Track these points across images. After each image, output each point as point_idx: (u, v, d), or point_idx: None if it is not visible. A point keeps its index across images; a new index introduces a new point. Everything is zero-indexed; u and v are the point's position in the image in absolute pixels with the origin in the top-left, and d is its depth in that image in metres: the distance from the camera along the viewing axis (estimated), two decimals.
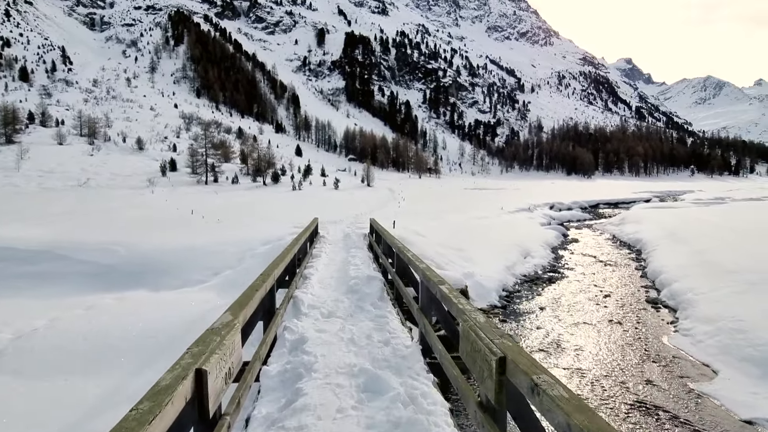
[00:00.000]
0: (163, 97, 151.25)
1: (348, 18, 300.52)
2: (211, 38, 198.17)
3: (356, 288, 6.02)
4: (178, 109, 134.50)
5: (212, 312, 6.21)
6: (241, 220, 20.51)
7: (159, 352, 6.16)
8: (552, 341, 8.63)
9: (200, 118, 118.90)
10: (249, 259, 11.11)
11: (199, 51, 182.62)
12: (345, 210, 27.73)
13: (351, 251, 10.10)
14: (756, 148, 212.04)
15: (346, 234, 14.25)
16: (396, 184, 75.73)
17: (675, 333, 8.96)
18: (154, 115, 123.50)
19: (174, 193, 47.50)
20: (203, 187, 58.15)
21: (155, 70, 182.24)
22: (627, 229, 25.70)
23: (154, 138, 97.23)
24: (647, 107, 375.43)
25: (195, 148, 69.81)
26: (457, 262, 13.47)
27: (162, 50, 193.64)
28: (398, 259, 5.88)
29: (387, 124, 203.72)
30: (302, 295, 5.49)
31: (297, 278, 6.46)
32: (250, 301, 2.84)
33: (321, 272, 7.55)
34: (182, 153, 78.35)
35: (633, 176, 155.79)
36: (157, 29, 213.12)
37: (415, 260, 4.45)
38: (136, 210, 27.57)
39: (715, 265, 12.06)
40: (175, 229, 16.62)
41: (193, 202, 35.88)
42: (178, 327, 6.85)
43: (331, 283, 6.64)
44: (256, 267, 9.05)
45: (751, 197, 57.98)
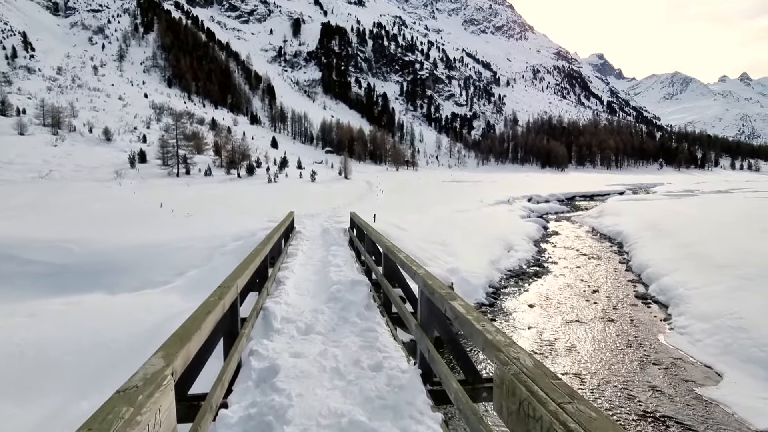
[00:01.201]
0: (132, 87, 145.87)
1: (324, 8, 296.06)
2: (183, 26, 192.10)
3: (338, 295, 5.14)
4: (148, 99, 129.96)
5: (177, 317, 5.41)
6: (212, 214, 19.43)
7: (111, 366, 5.33)
8: (546, 342, 8.13)
9: (172, 108, 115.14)
10: (218, 256, 10.23)
11: (170, 39, 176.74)
12: (322, 203, 26.86)
13: (331, 249, 9.20)
14: (720, 143, 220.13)
15: (325, 229, 13.32)
16: (374, 176, 74.94)
17: (671, 331, 8.58)
18: (123, 105, 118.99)
19: (143, 186, 45.60)
20: (174, 180, 56.16)
21: (124, 59, 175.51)
22: (606, 221, 25.68)
23: (122, 128, 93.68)
24: (618, 102, 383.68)
25: (166, 139, 67.32)
26: (440, 257, 12.90)
27: (131, 38, 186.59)
28: (386, 260, 5.12)
29: (364, 117, 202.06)
30: (274, 306, 4.61)
31: (269, 282, 5.65)
32: (198, 331, 2.09)
33: (297, 275, 6.70)
34: (152, 144, 75.69)
35: (605, 169, 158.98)
36: (125, 16, 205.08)
37: (410, 264, 3.64)
38: (100, 203, 26.06)
39: (704, 258, 11.80)
40: (140, 223, 15.50)
41: (162, 194, 34.35)
42: (137, 336, 6.01)
43: (309, 289, 5.82)
44: (225, 266, 8.23)
45: (719, 190, 59.66)
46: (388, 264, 5.00)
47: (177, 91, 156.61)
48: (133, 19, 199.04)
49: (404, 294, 4.72)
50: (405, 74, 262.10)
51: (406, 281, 4.72)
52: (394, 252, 4.49)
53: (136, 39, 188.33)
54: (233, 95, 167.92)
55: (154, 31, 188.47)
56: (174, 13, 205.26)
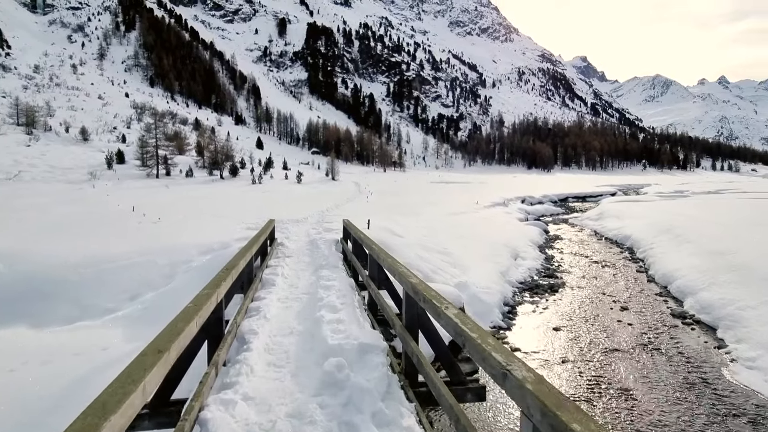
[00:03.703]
0: (113, 86, 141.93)
1: (310, 8, 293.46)
2: (166, 25, 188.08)
3: (339, 376, 3.13)
4: (129, 99, 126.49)
5: (109, 370, 3.71)
6: (186, 219, 17.54)
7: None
8: (588, 382, 6.57)
9: (154, 108, 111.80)
10: (181, 274, 8.46)
11: (152, 38, 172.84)
12: (309, 206, 25.09)
13: (321, 273, 7.20)
14: (701, 144, 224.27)
15: (312, 240, 11.43)
16: (361, 177, 73.25)
17: (734, 364, 7.10)
18: (103, 104, 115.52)
19: (118, 188, 43.26)
20: (153, 181, 53.83)
21: (104, 57, 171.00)
22: (609, 224, 24.42)
23: (101, 128, 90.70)
24: (602, 104, 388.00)
25: (146, 139, 64.76)
26: (445, 269, 11.32)
27: (112, 36, 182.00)
28: (410, 305, 3.33)
29: (351, 117, 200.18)
30: (221, 416, 2.55)
31: (224, 347, 3.53)
32: None
33: (272, 323, 4.73)
34: (132, 144, 73.04)
35: (590, 170, 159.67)
36: (106, 14, 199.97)
37: (472, 332, 2.07)
38: (66, 207, 23.92)
39: (745, 269, 10.41)
40: (101, 231, 13.60)
41: (138, 197, 32.25)
42: (47, 399, 4.25)
43: (288, 355, 3.86)
44: (188, 287, 6.53)
45: (708, 190, 59.52)
46: (411, 310, 3.29)
47: (159, 91, 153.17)
48: (114, 18, 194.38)
49: (444, 366, 3.01)
50: (392, 75, 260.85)
51: (441, 340, 3.08)
52: (423, 291, 2.83)
53: (118, 37, 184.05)
54: (218, 95, 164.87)
55: (136, 29, 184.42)
56: (156, 11, 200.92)
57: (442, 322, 2.35)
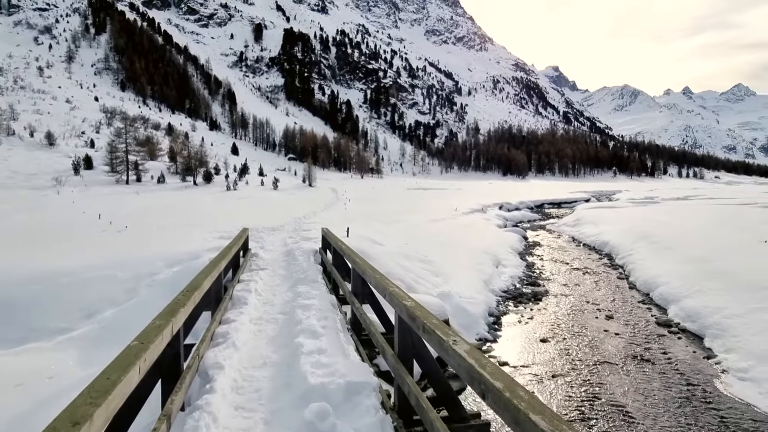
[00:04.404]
0: (81, 89, 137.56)
1: (287, 14, 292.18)
2: (138, 28, 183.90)
3: (321, 430, 2.66)
4: (98, 103, 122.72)
5: (51, 407, 3.15)
6: (154, 227, 16.71)
7: None
8: (582, 398, 6.27)
9: (125, 112, 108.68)
10: (145, 289, 7.82)
11: (123, 41, 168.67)
12: (285, 213, 24.43)
13: (299, 288, 6.56)
14: (668, 152, 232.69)
15: (289, 250, 10.78)
16: (339, 184, 72.63)
17: (725, 375, 6.92)
18: (71, 108, 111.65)
19: (85, 194, 41.62)
20: (123, 187, 52.06)
21: (73, 60, 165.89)
22: (586, 230, 24.59)
23: (68, 133, 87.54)
24: (573, 112, 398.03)
25: (116, 144, 62.71)
26: (427, 279, 10.96)
27: (81, 38, 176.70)
28: (403, 331, 2.90)
29: (328, 124, 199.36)
30: None
31: (181, 389, 2.89)
32: None
33: (242, 355, 4.08)
34: (101, 150, 70.54)
35: (563, 177, 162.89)
36: (75, 15, 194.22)
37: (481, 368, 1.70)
38: (27, 214, 22.68)
39: (727, 276, 10.40)
40: (61, 241, 12.73)
41: (106, 204, 30.95)
42: None
43: (259, 398, 3.24)
44: (152, 303, 5.96)
45: (677, 197, 61.26)
46: (405, 337, 2.85)
47: (131, 95, 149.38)
48: (83, 20, 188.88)
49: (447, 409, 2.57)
50: (369, 82, 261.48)
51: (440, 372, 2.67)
52: (422, 318, 2.41)
53: (87, 40, 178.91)
54: (192, 100, 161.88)
55: (107, 32, 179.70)
56: (128, 14, 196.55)
57: (451, 361, 1.94)
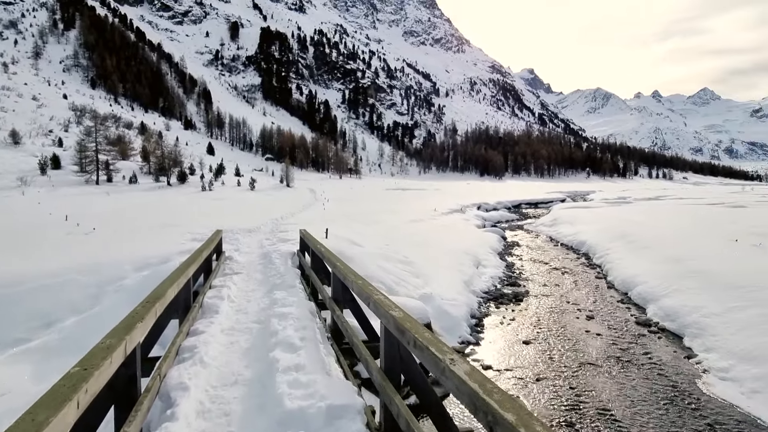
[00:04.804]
0: (49, 87, 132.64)
1: (264, 13, 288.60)
2: (109, 24, 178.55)
3: None
4: (67, 100, 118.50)
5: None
6: (124, 229, 16.06)
7: None
8: (567, 402, 6.17)
9: (95, 110, 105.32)
10: (110, 295, 7.38)
11: (94, 37, 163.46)
12: (263, 214, 23.92)
13: (275, 295, 6.15)
14: (638, 154, 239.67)
15: (265, 253, 10.36)
16: (317, 184, 71.97)
17: (706, 375, 6.93)
18: (38, 106, 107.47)
19: (53, 195, 40.00)
20: (93, 188, 50.36)
21: (40, 56, 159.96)
22: (563, 230, 24.86)
23: (35, 131, 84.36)
24: (548, 114, 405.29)
25: (85, 143, 60.65)
26: (408, 280, 10.77)
27: (49, 34, 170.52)
28: (390, 344, 2.66)
29: (306, 124, 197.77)
30: None
31: (137, 417, 2.48)
32: None
33: (210, 372, 3.66)
34: (70, 149, 68.12)
35: (538, 177, 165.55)
36: (42, 10, 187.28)
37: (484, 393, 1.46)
38: None
39: (704, 275, 10.53)
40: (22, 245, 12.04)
41: (74, 204, 29.79)
42: None
43: (228, 424, 2.91)
44: (117, 310, 5.57)
45: (648, 197, 62.89)
46: (392, 351, 2.61)
47: (102, 93, 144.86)
48: (51, 14, 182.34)
49: None
50: (347, 82, 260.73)
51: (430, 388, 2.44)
52: (412, 332, 2.17)
53: (55, 36, 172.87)
54: (165, 99, 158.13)
55: (76, 28, 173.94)
56: (99, 9, 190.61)
57: (449, 384, 1.72)
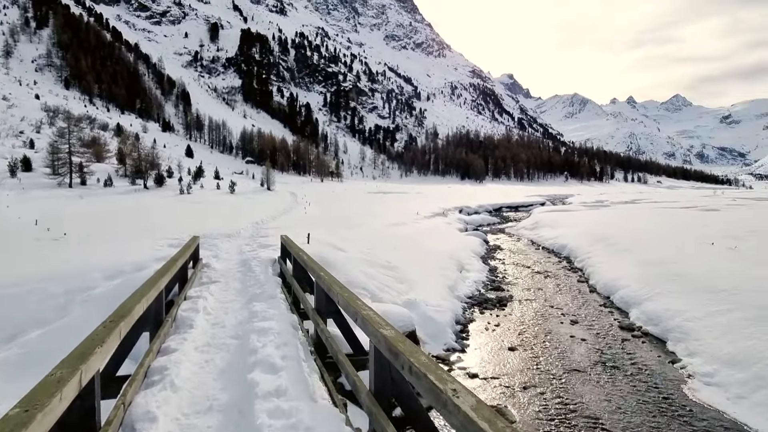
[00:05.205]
0: (21, 86, 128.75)
1: (244, 14, 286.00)
2: (84, 23, 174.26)
3: None
4: (39, 101, 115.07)
5: None
6: (98, 234, 15.50)
7: None
8: (556, 411, 6.07)
9: (69, 111, 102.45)
10: (79, 306, 7.00)
11: (68, 36, 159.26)
12: (243, 217, 23.46)
13: (254, 306, 5.77)
14: (614, 158, 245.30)
15: (245, 260, 9.93)
16: (298, 187, 71.35)
17: (692, 380, 6.93)
18: (8, 106, 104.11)
19: (22, 198, 38.64)
20: (65, 191, 48.94)
21: (11, 55, 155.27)
22: (544, 233, 25.05)
23: (5, 132, 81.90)
24: (527, 119, 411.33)
25: (58, 145, 58.91)
26: (392, 286, 10.60)
27: (20, 32, 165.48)
28: (382, 370, 2.43)
29: (287, 126, 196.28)
30: None
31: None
32: None
33: (181, 397, 3.32)
34: (42, 151, 66.12)
35: (518, 181, 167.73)
36: (13, 8, 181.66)
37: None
38: None
39: (685, 279, 10.64)
40: None
41: (45, 208, 28.78)
42: None
43: None
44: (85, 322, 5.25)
45: (625, 200, 64.25)
46: (383, 373, 2.35)
47: (76, 94, 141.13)
48: (23, 12, 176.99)
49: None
50: (328, 85, 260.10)
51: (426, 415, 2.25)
52: (406, 355, 1.94)
53: (27, 34, 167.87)
54: (143, 100, 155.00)
55: (50, 26, 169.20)
56: (73, 8, 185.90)
57: (453, 419, 1.52)
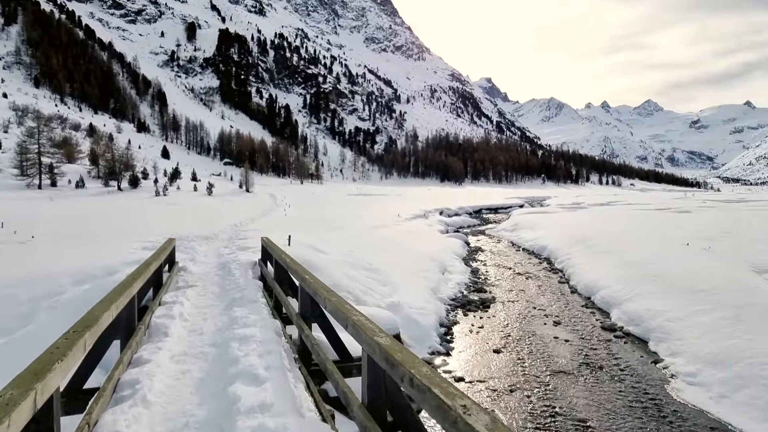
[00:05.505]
0: None
1: (222, 14, 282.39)
2: (56, 20, 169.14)
3: None
4: (7, 99, 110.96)
5: None
6: (68, 237, 14.89)
7: None
8: (543, 414, 6.00)
9: (39, 111, 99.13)
10: (45, 312, 6.61)
11: (38, 34, 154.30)
12: (221, 220, 22.94)
13: (234, 312, 5.44)
14: (589, 161, 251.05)
15: (224, 262, 9.53)
16: (278, 189, 70.58)
17: (675, 380, 6.97)
18: None
19: None
20: (34, 192, 47.37)
21: None
22: (524, 235, 25.26)
23: None
24: (505, 122, 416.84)
25: (26, 145, 56.92)
26: (375, 289, 10.44)
27: None
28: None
29: (266, 128, 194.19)
30: None
31: None
32: None
33: (154, 414, 3.01)
34: (9, 151, 63.73)
35: (497, 183, 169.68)
36: None
37: None
38: None
39: (664, 279, 10.77)
40: None
41: (12, 210, 27.69)
42: None
43: None
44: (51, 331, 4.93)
45: (601, 202, 65.57)
46: (377, 383, 2.18)
47: (47, 92, 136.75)
48: None
49: None
50: (308, 87, 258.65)
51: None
52: (405, 366, 1.74)
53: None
54: (117, 100, 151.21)
55: (18, 23, 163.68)
56: (44, 4, 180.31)
57: None
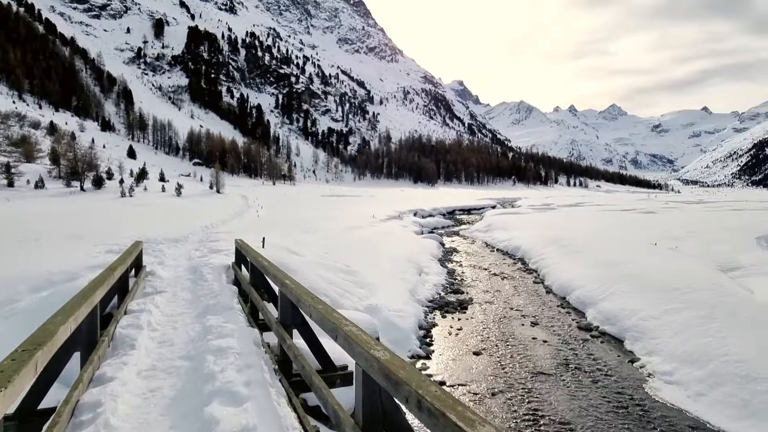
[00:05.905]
0: None
1: (191, 11, 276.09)
2: (13, 13, 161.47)
3: None
4: None
5: None
6: (23, 240, 14.07)
7: None
8: (525, 416, 5.94)
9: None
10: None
11: None
12: (191, 221, 22.21)
13: (208, 320, 5.11)
14: (558, 163, 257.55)
15: (195, 266, 8.92)
16: (249, 190, 69.28)
17: (652, 378, 7.04)
18: None
19: None
20: None
21: None
22: (498, 236, 25.51)
23: None
24: (477, 124, 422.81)
25: None
26: (352, 291, 10.23)
27: None
28: (366, 391, 2.08)
29: (237, 128, 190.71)
30: None
31: None
32: None
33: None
34: None
35: (469, 185, 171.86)
36: None
37: None
38: None
39: (638, 279, 10.98)
40: None
41: None
42: None
43: None
44: (4, 342, 4.54)
45: (569, 204, 67.18)
46: (373, 398, 2.00)
47: (3, 89, 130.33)
48: None
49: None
50: (280, 87, 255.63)
51: None
52: (409, 385, 1.59)
53: None
54: (80, 97, 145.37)
55: None
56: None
57: None
